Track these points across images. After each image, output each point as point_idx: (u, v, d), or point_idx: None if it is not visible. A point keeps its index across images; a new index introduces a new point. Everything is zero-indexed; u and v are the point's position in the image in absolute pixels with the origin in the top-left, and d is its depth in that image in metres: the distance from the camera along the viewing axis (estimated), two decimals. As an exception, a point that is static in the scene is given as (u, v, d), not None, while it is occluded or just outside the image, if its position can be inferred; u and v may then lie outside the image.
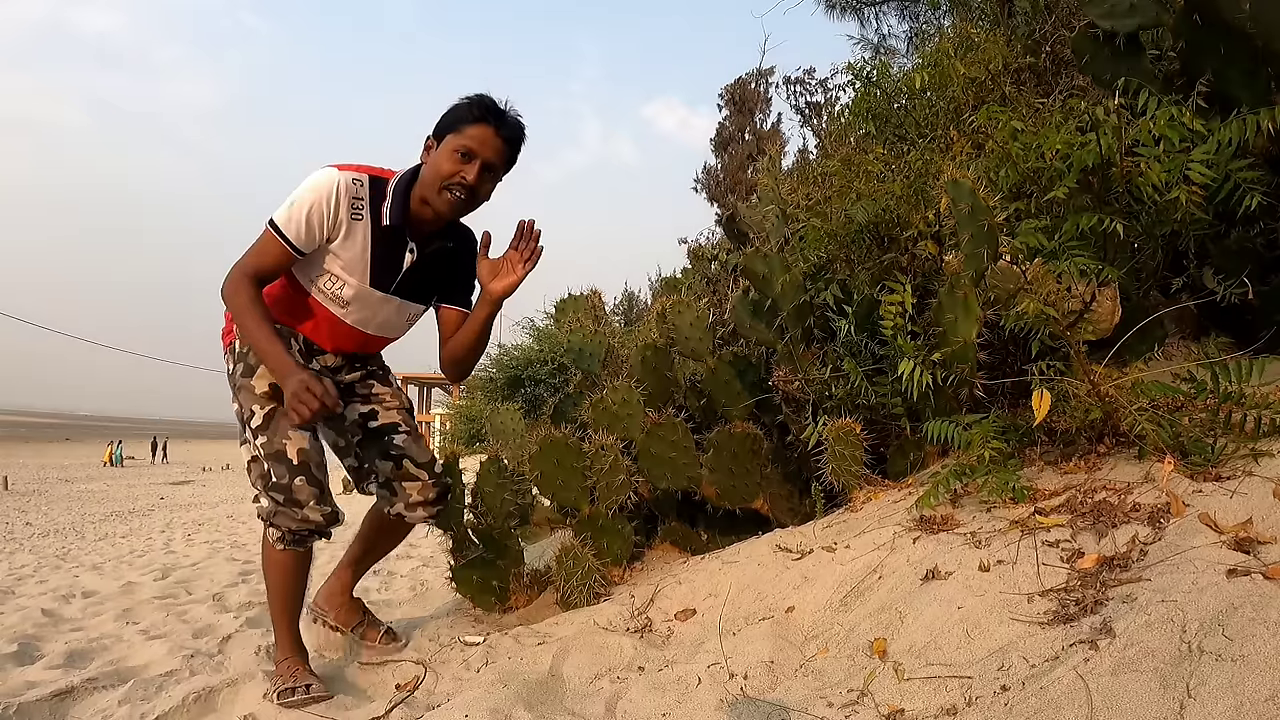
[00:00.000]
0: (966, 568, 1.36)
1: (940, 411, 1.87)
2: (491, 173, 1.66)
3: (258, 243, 1.64)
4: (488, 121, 1.62)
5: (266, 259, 1.63)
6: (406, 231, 1.69)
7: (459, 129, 1.61)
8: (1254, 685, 0.82)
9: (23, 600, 3.40)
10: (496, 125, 1.62)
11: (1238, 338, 1.77)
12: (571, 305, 3.24)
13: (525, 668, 1.65)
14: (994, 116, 1.95)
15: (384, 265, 1.71)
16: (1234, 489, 1.24)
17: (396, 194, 1.66)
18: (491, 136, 1.62)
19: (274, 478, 1.66)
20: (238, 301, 1.61)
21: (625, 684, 1.45)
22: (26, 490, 15.59)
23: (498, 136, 1.63)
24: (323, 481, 1.71)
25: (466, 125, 1.61)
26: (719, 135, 15.31)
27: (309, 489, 1.66)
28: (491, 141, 1.62)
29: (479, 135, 1.61)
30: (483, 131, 1.61)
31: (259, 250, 1.63)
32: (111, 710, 1.68)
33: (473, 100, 1.63)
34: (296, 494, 1.65)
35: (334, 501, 1.73)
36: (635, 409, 2.41)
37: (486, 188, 1.67)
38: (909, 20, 6.45)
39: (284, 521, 1.68)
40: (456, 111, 1.64)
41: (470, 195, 1.64)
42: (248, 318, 1.60)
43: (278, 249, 1.62)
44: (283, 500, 1.66)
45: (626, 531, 2.32)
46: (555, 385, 6.02)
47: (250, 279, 1.62)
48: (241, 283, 1.61)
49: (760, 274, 2.32)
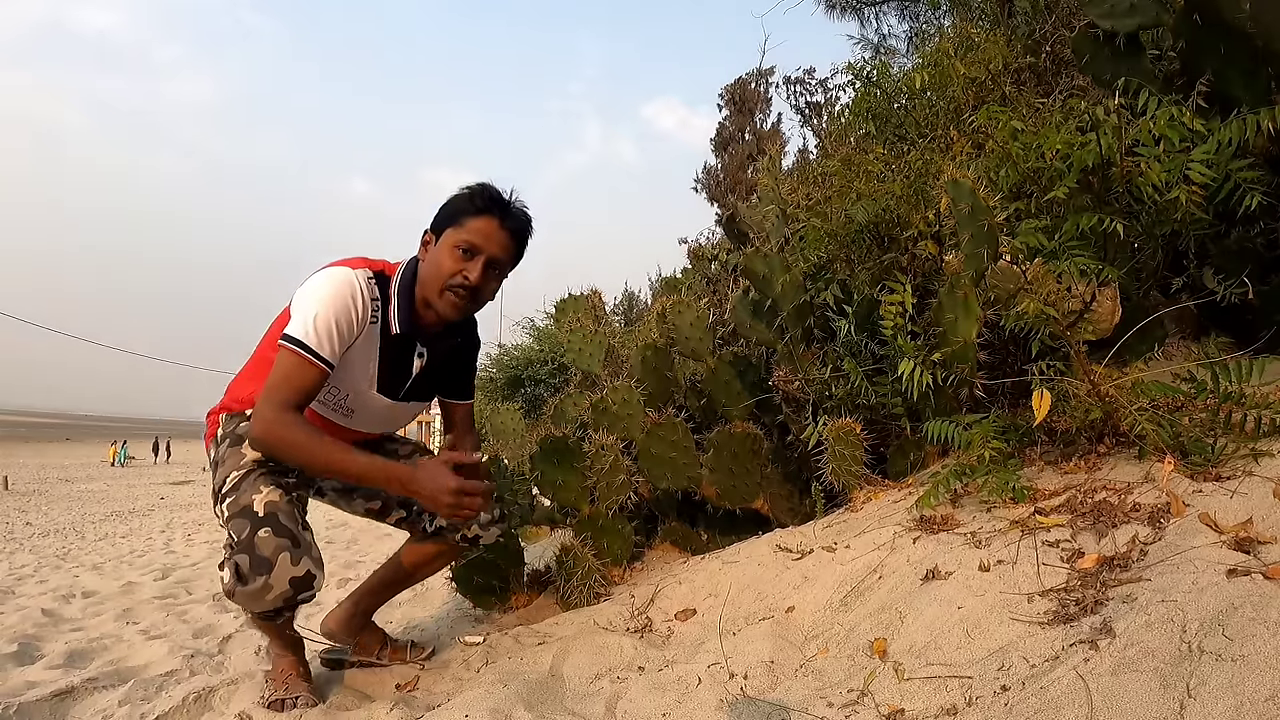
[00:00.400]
0: (966, 568, 1.36)
1: (940, 411, 1.87)
2: (497, 270, 1.53)
3: (283, 368, 1.42)
4: (491, 213, 1.49)
5: (303, 383, 1.42)
6: (416, 336, 1.57)
7: (460, 222, 1.49)
8: (1254, 685, 0.82)
9: (23, 600, 3.40)
10: (501, 217, 1.50)
11: (1238, 338, 1.77)
12: (571, 305, 3.24)
13: (525, 668, 1.64)
14: (994, 116, 1.95)
15: (393, 372, 1.59)
16: (1234, 489, 1.24)
17: (402, 298, 1.53)
18: (496, 230, 1.49)
19: (233, 537, 1.41)
20: (291, 443, 1.40)
21: (625, 684, 1.45)
22: (27, 490, 15.59)
23: (502, 229, 1.50)
24: (295, 532, 1.42)
25: (468, 218, 1.48)
26: (719, 135, 15.32)
27: (275, 540, 1.39)
28: (496, 235, 1.49)
29: (482, 229, 1.48)
30: (486, 224, 1.48)
31: (288, 376, 1.42)
32: (111, 710, 1.68)
33: (474, 190, 1.51)
34: (259, 549, 1.38)
35: (314, 557, 1.44)
36: (635, 409, 2.41)
37: (491, 286, 1.54)
38: (909, 20, 6.45)
39: (245, 603, 1.42)
40: (456, 203, 1.51)
41: (474, 296, 1.51)
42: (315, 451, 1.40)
43: (313, 371, 1.42)
44: (246, 567, 1.38)
45: (626, 531, 2.32)
46: (555, 385, 6.02)
47: (292, 411, 1.41)
48: (285, 422, 1.40)
49: (760, 274, 2.32)
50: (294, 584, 1.40)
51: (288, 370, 1.42)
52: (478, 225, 1.49)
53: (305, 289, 1.49)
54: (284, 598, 1.41)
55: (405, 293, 1.54)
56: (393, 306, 1.53)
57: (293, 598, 1.42)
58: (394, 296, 1.53)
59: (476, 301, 1.55)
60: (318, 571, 1.44)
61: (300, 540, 1.42)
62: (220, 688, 1.70)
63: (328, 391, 1.55)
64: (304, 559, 1.41)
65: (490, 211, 1.50)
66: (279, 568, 1.38)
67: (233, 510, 1.44)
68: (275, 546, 1.38)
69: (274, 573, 1.38)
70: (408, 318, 1.53)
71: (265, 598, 1.40)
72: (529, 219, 1.57)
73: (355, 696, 1.68)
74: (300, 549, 1.41)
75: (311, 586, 1.44)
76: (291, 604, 1.45)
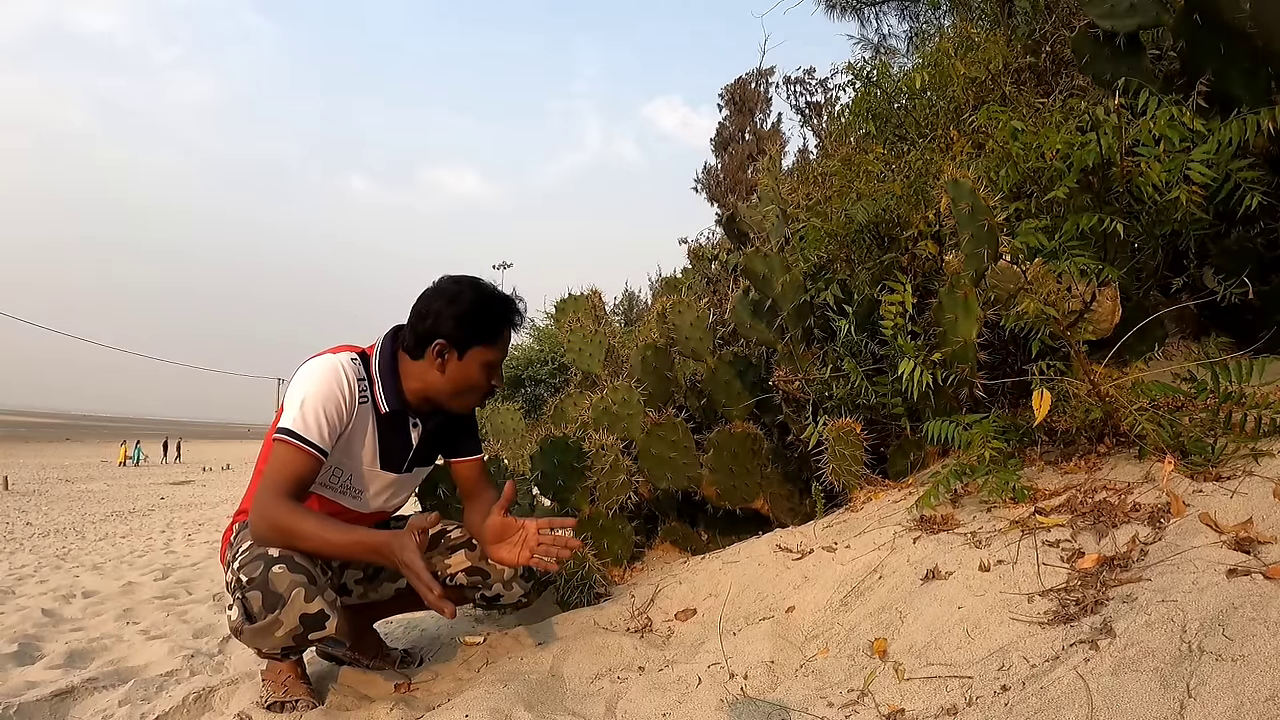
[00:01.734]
0: (967, 568, 1.36)
1: (940, 411, 1.87)
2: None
3: (277, 459, 1.43)
4: (515, 326, 1.59)
5: (297, 471, 1.42)
6: (407, 412, 1.60)
7: (491, 343, 1.54)
8: (1254, 685, 0.82)
9: (23, 600, 3.40)
10: (518, 325, 1.60)
11: (1238, 338, 1.77)
12: (571, 305, 3.24)
13: (525, 668, 1.64)
14: (994, 116, 1.95)
15: (394, 446, 1.61)
16: (1234, 489, 1.24)
17: (384, 379, 1.56)
18: (511, 335, 1.60)
19: (244, 577, 1.38)
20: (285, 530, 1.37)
21: (625, 684, 1.45)
22: (27, 490, 15.58)
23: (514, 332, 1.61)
24: (312, 571, 1.39)
25: (498, 338, 1.56)
26: (719, 135, 15.31)
27: (290, 575, 1.36)
28: (511, 339, 1.61)
29: (507, 340, 1.59)
30: (508, 335, 1.59)
31: (282, 467, 1.42)
32: (111, 710, 1.68)
33: (497, 311, 1.55)
34: (273, 584, 1.35)
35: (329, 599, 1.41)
36: (635, 409, 2.41)
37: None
38: (909, 20, 6.45)
39: (252, 642, 1.41)
40: (482, 322, 1.52)
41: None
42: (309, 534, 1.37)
43: (306, 459, 1.43)
44: (257, 603, 1.36)
45: (626, 531, 2.32)
46: (555, 385, 6.01)
47: (286, 500, 1.40)
48: (280, 510, 1.38)
49: (760, 274, 2.32)
50: (304, 621, 1.38)
51: (281, 461, 1.43)
52: (505, 339, 1.58)
53: (295, 383, 1.52)
54: (293, 634, 1.39)
55: (387, 371, 1.57)
56: (377, 386, 1.56)
57: (303, 636, 1.40)
58: (376, 377, 1.56)
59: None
60: (331, 612, 1.41)
61: (317, 579, 1.40)
62: (220, 688, 1.70)
63: (332, 474, 1.57)
64: (318, 597, 1.39)
65: (514, 324, 1.59)
66: (291, 603, 1.36)
67: (245, 559, 1.41)
68: (290, 582, 1.36)
69: (285, 608, 1.36)
70: (394, 395, 1.56)
71: (274, 634, 1.38)
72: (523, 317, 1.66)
73: (354, 697, 1.68)
74: (316, 587, 1.39)
75: (323, 626, 1.40)
76: (301, 643, 1.44)
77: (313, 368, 1.51)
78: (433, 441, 1.69)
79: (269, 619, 1.37)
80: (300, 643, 1.44)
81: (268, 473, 1.44)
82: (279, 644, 1.41)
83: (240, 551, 1.45)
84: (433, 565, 1.67)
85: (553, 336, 6.28)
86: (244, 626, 1.39)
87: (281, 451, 1.44)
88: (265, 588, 1.36)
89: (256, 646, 1.44)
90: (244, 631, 1.40)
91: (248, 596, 1.37)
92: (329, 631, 1.42)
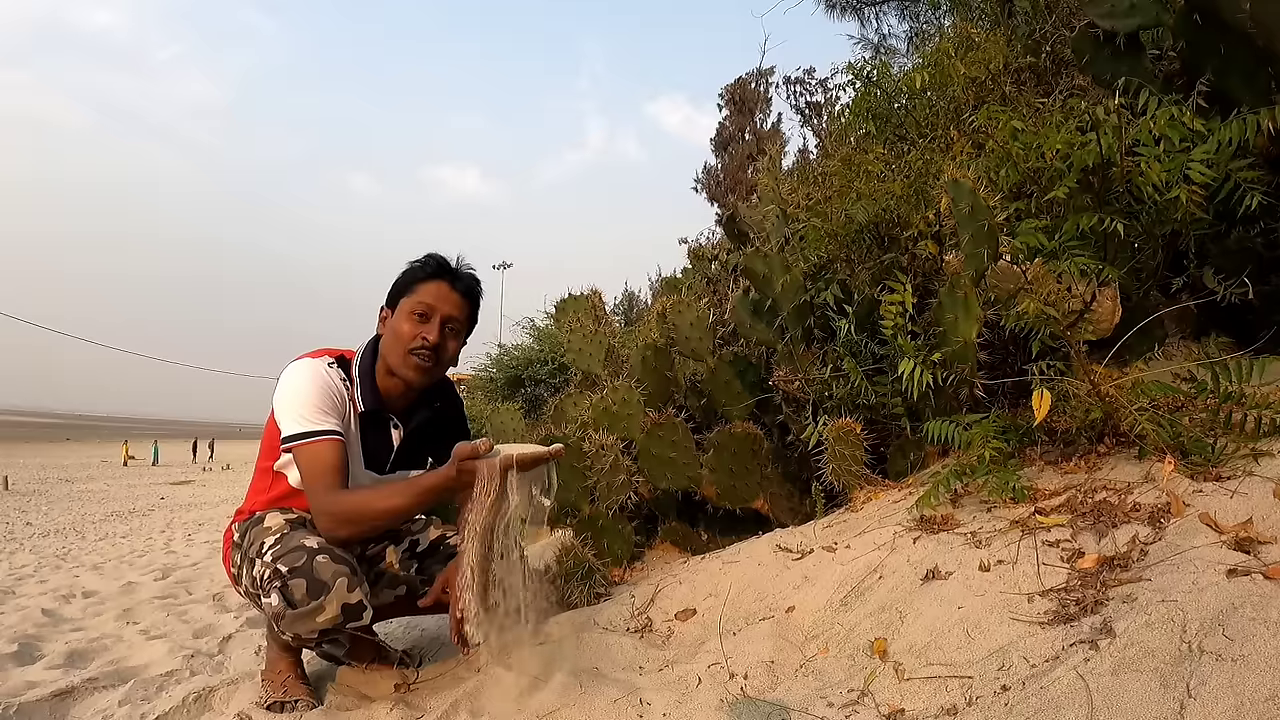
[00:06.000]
0: (967, 568, 1.36)
1: (940, 411, 1.87)
2: (454, 329, 1.61)
3: (304, 462, 1.48)
4: (441, 277, 1.58)
5: (331, 462, 1.47)
6: (385, 411, 1.63)
7: (412, 289, 1.57)
8: (1254, 685, 0.82)
9: (23, 600, 3.40)
10: (451, 280, 1.59)
11: (1238, 338, 1.77)
12: (571, 305, 3.24)
13: (525, 668, 1.64)
14: (994, 116, 1.95)
15: (375, 448, 1.64)
16: (1234, 489, 1.24)
17: (363, 376, 1.60)
18: (448, 292, 1.58)
19: (283, 567, 1.42)
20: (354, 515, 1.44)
21: (625, 684, 1.45)
22: (27, 490, 15.59)
23: (454, 291, 1.59)
24: (352, 563, 1.46)
25: (420, 284, 1.57)
26: (719, 135, 15.31)
27: (334, 565, 1.42)
28: (448, 296, 1.58)
29: (434, 291, 1.57)
30: (438, 288, 1.57)
31: (314, 465, 1.47)
32: (111, 710, 1.68)
33: (423, 260, 1.59)
34: (319, 572, 1.41)
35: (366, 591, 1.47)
36: (635, 409, 2.41)
37: (451, 345, 1.61)
38: (909, 20, 6.45)
39: (291, 627, 1.44)
40: (408, 274, 1.59)
41: (435, 356, 1.57)
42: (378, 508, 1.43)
43: (330, 446, 1.48)
44: (301, 590, 1.40)
45: (626, 531, 2.32)
46: (555, 385, 6.01)
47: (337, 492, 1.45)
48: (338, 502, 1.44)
49: (760, 274, 2.32)
50: (345, 610, 1.43)
51: (309, 460, 1.47)
52: (430, 289, 1.57)
53: (281, 389, 1.54)
54: (334, 621, 1.43)
55: (366, 372, 1.61)
56: (356, 387, 1.60)
57: (342, 624, 1.45)
58: (356, 378, 1.61)
59: (439, 362, 1.60)
60: (369, 604, 1.47)
61: (357, 571, 1.47)
62: (220, 688, 1.70)
63: None
64: (358, 589, 1.45)
65: (440, 276, 1.58)
66: (336, 590, 1.42)
67: (280, 552, 1.45)
68: (334, 571, 1.42)
69: (329, 595, 1.41)
70: (370, 394, 1.60)
71: (316, 619, 1.42)
72: (477, 280, 1.65)
73: (354, 697, 1.68)
74: (357, 577, 1.46)
75: (360, 617, 1.46)
76: (339, 631, 1.47)
77: (295, 372, 1.55)
78: (418, 443, 1.71)
79: (313, 604, 1.41)
80: (337, 630, 1.47)
81: (306, 481, 1.48)
82: (317, 629, 1.44)
83: (267, 545, 1.49)
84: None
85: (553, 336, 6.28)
86: (285, 612, 1.42)
87: (305, 455, 1.48)
88: (310, 575, 1.41)
89: (295, 632, 1.46)
90: (285, 617, 1.43)
91: (290, 584, 1.41)
92: (364, 622, 1.48)
